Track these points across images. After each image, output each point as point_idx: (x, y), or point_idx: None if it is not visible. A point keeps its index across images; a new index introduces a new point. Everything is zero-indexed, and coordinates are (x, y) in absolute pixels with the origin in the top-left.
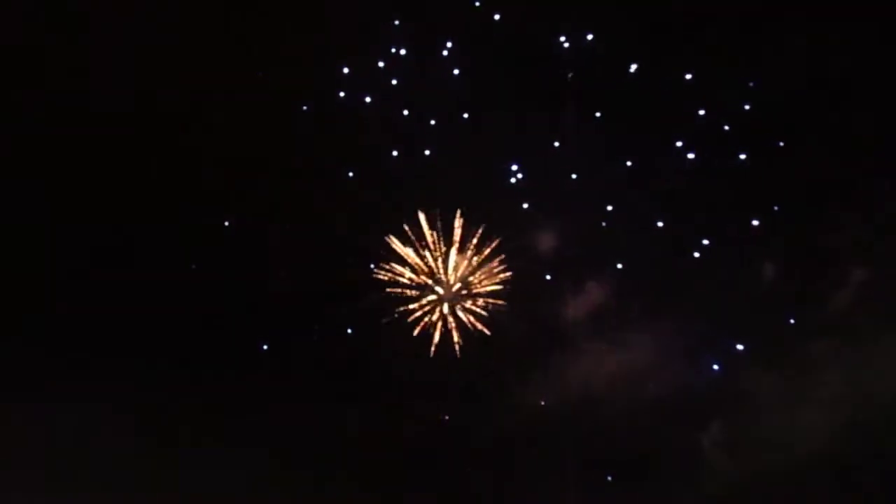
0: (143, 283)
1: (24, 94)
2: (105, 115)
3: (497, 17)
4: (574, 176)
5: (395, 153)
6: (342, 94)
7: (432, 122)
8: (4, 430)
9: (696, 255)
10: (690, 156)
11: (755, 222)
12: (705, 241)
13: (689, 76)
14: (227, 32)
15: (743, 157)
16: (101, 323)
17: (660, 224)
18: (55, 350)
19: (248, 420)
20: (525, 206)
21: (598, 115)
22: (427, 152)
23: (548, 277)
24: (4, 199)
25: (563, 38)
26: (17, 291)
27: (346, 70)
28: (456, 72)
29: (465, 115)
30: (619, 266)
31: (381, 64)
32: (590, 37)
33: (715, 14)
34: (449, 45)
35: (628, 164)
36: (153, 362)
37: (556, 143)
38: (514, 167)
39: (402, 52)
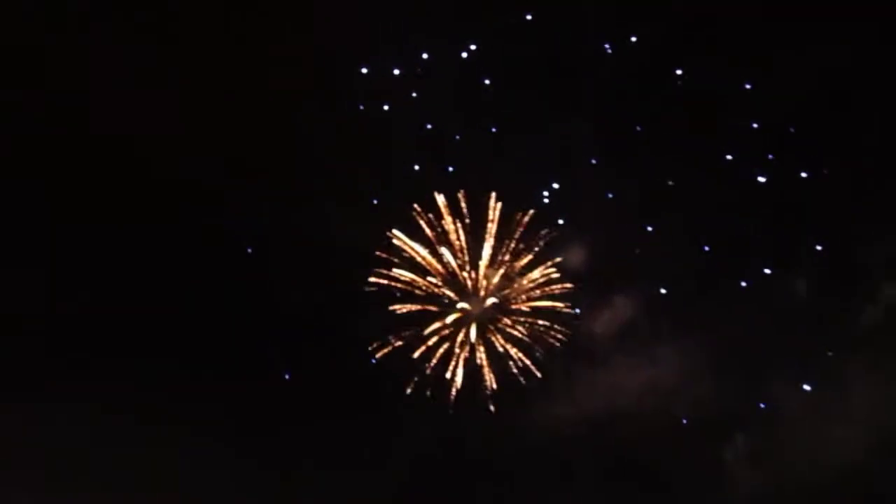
0: (149, 287)
1: (25, 95)
2: (109, 116)
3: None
4: (610, 195)
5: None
6: (360, 104)
7: (457, 137)
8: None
9: (729, 270)
10: (762, 178)
11: (788, 239)
12: (738, 258)
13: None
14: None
15: (778, 174)
16: (103, 325)
17: (691, 240)
18: (62, 355)
19: (252, 428)
20: (560, 222)
21: (638, 128)
22: (451, 169)
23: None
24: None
25: (606, 45)
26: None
27: (364, 70)
28: (487, 81)
29: (494, 130)
30: (650, 282)
31: (396, 71)
32: (633, 39)
33: (761, 30)
34: (473, 47)
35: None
36: (155, 366)
37: (594, 161)
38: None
39: (425, 55)
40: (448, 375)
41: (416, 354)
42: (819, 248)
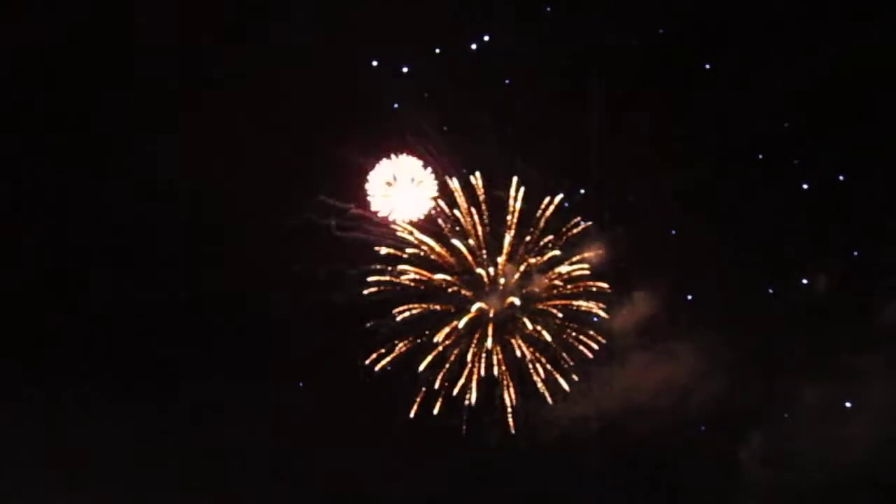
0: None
1: (26, 95)
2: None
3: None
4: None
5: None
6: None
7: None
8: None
9: (750, 267)
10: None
11: (810, 237)
12: (757, 253)
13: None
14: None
15: (797, 168)
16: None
17: (713, 237)
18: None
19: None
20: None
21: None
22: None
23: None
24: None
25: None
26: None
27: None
28: (507, 82)
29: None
30: (671, 277)
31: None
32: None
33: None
34: (487, 37)
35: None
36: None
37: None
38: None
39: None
40: (461, 388)
41: (422, 366)
42: (841, 246)
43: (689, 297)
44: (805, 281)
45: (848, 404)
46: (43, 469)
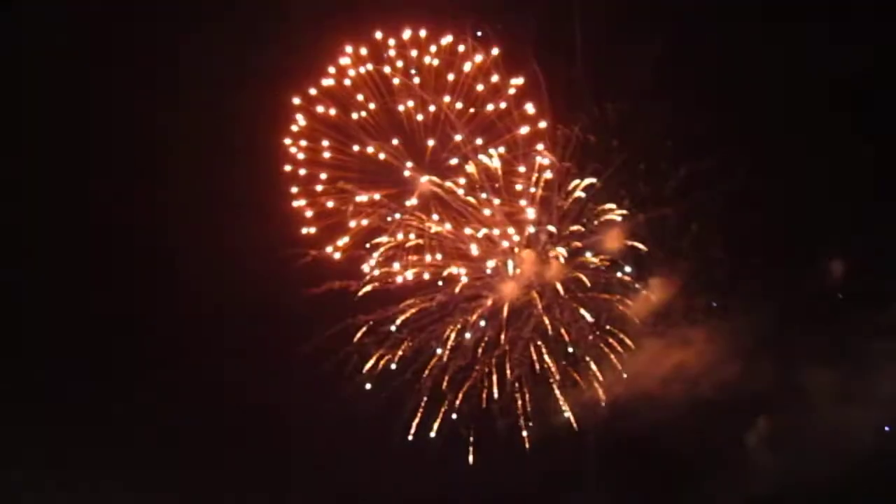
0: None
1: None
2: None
3: None
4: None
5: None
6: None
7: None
8: None
9: (761, 251)
10: None
11: (820, 220)
12: (769, 239)
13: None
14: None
15: (811, 155)
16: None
17: (725, 221)
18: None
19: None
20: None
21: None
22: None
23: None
24: None
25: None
26: None
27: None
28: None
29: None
30: (684, 264)
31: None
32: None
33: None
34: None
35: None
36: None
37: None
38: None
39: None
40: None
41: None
42: (853, 234)
43: (707, 296)
44: (817, 268)
45: (858, 392)
46: (43, 469)
